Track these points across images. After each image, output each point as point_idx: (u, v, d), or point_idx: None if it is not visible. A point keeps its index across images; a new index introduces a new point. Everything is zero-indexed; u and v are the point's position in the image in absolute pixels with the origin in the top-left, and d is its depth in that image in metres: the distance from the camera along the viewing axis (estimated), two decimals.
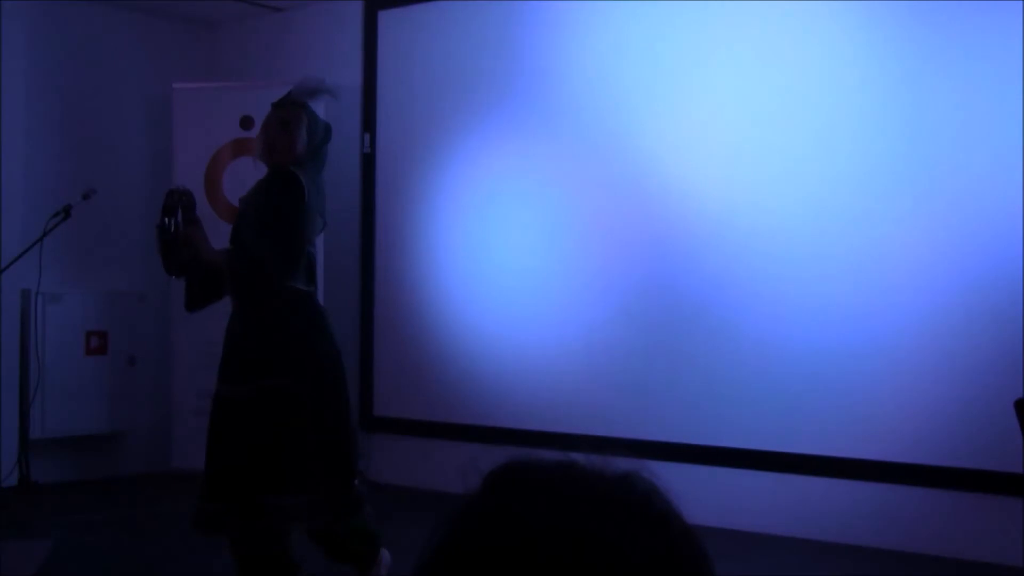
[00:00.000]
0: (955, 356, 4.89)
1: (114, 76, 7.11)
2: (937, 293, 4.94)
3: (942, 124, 4.96)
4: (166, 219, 3.77)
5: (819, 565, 4.85)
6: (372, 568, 3.93)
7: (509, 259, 6.19)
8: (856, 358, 5.11)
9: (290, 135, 3.70)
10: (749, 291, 5.40)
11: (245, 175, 6.78)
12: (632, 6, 5.80)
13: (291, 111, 3.73)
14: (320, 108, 6.58)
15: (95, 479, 6.72)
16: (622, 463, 0.80)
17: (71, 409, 6.58)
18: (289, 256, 3.59)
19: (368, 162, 6.82)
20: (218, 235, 6.75)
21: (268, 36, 7.44)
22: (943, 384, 4.91)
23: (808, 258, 5.25)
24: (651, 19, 5.76)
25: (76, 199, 5.90)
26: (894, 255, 5.05)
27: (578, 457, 0.81)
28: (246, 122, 6.76)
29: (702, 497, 5.18)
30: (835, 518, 5.15)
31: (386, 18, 6.79)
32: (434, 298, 6.47)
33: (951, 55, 4.95)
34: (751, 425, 5.38)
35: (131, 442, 6.96)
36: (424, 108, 6.58)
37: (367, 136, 6.83)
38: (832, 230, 5.20)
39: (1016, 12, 4.77)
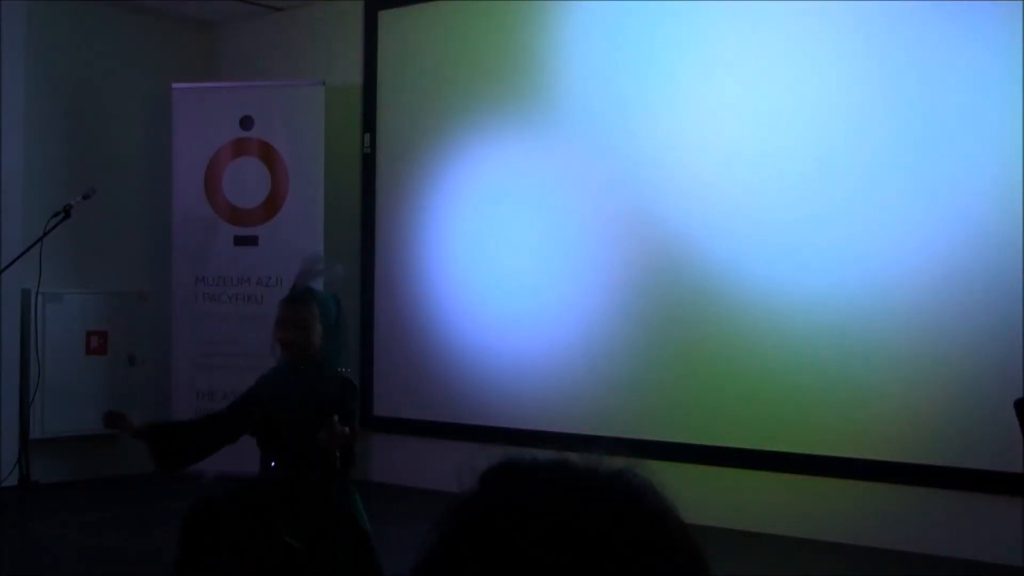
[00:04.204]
0: (955, 356, 4.89)
1: (114, 76, 7.11)
2: (937, 293, 4.94)
3: (941, 127, 4.95)
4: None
5: (819, 565, 4.85)
6: None
7: (508, 259, 6.19)
8: (856, 358, 5.11)
9: (307, 334, 3.73)
10: (748, 291, 5.40)
11: (244, 175, 6.80)
12: (632, 7, 5.80)
13: (302, 311, 3.75)
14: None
15: (95, 479, 6.71)
16: (617, 461, 0.81)
17: (71, 409, 6.57)
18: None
19: (368, 162, 6.82)
20: (218, 235, 6.82)
21: (268, 36, 7.44)
22: (943, 384, 4.91)
23: (808, 258, 5.25)
24: (651, 19, 5.75)
25: (76, 199, 5.89)
26: (894, 255, 5.05)
27: (572, 455, 0.81)
28: (246, 122, 6.77)
29: (702, 497, 5.18)
30: (835, 518, 5.15)
31: (386, 18, 6.79)
32: (434, 298, 6.47)
33: (950, 55, 4.94)
34: (751, 425, 5.37)
35: (131, 442, 6.92)
36: (424, 108, 6.58)
37: (367, 136, 6.83)
38: (832, 230, 5.20)
39: (1016, 12, 4.76)
